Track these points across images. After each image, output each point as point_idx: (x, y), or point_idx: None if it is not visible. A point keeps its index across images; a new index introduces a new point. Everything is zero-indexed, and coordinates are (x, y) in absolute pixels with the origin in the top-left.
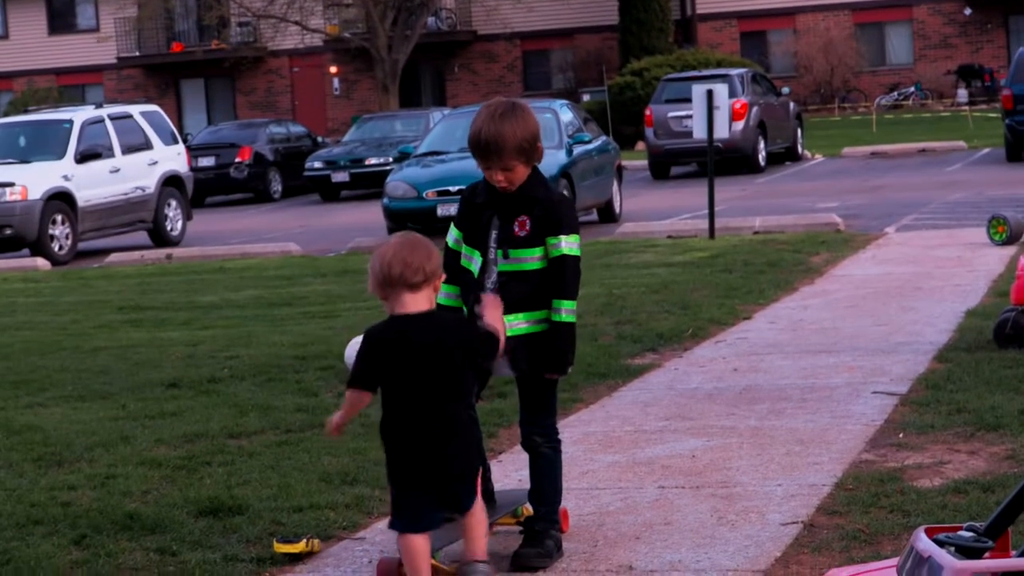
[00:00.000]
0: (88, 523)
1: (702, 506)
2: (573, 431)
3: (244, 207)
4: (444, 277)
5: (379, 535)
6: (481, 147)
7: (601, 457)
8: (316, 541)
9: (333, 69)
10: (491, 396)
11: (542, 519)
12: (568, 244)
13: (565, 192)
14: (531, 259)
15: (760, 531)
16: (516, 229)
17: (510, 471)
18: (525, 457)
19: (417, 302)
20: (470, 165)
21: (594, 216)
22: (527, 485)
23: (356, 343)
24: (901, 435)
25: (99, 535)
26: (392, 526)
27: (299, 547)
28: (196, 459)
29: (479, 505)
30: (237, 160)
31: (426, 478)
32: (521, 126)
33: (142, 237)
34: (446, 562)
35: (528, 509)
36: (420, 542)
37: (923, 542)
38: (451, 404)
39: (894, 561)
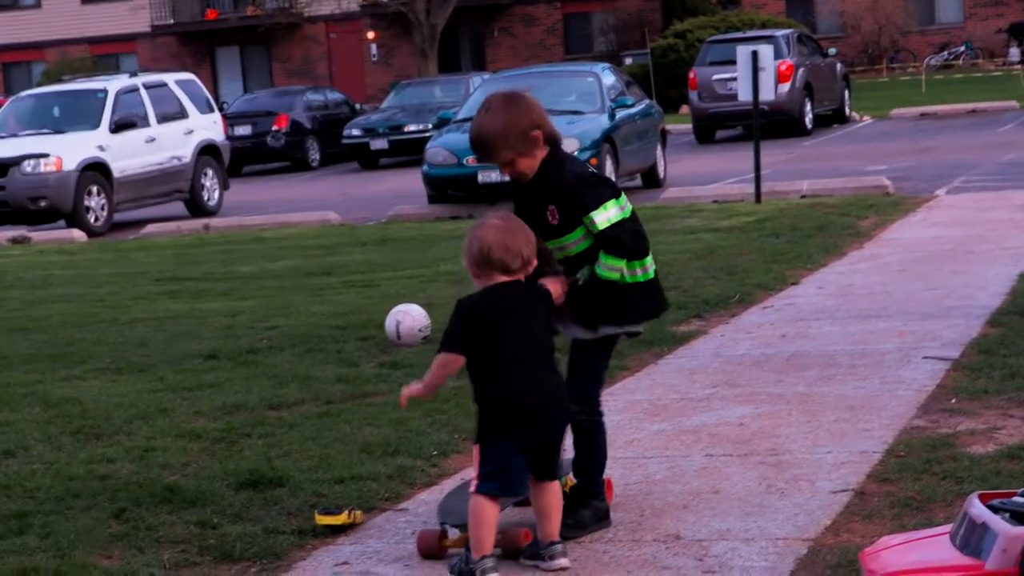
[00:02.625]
0: (127, 496)
1: (750, 474)
2: (618, 399)
3: (281, 176)
4: (536, 263)
5: (422, 506)
6: (472, 146)
7: (647, 425)
8: (358, 513)
9: (371, 35)
10: None
11: (582, 490)
12: (602, 218)
13: (608, 157)
14: (572, 243)
15: (810, 499)
16: (549, 219)
17: None
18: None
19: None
20: None
21: (638, 181)
22: (571, 454)
23: (396, 312)
24: (953, 400)
25: (138, 508)
26: (479, 489)
27: (341, 519)
28: (235, 431)
29: (557, 483)
30: (274, 128)
31: (526, 437)
32: (504, 120)
33: (178, 208)
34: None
35: (572, 479)
36: (492, 511)
37: (977, 508)
38: (551, 362)
39: (947, 528)
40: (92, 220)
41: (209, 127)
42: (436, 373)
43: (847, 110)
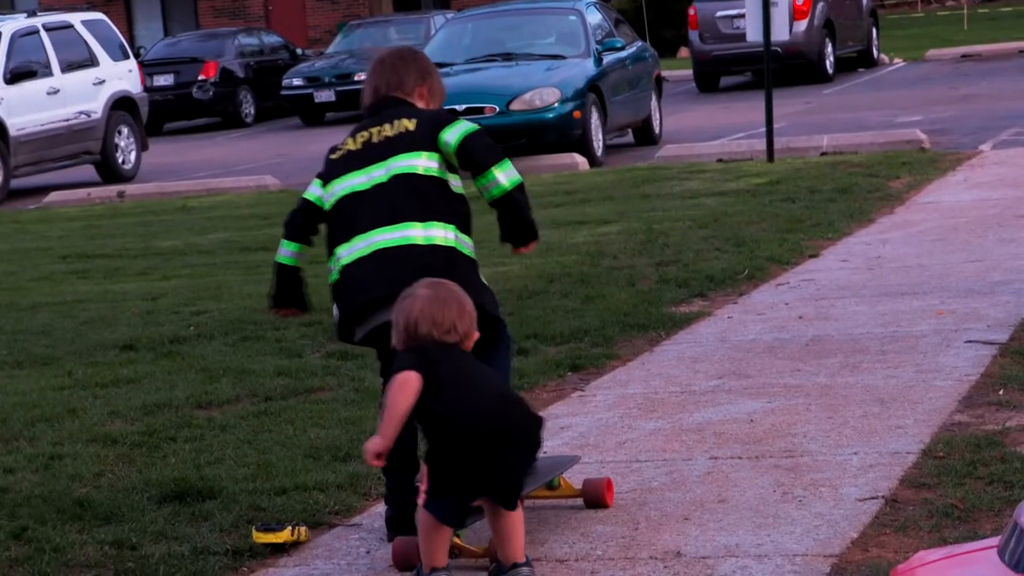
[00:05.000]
0: (30, 512)
1: (763, 480)
2: (608, 393)
3: (210, 134)
4: (477, 336)
5: (378, 521)
6: None
7: (642, 424)
8: (303, 529)
9: None
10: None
11: None
12: None
13: (593, 109)
14: None
15: (833, 508)
16: None
17: None
18: (552, 425)
19: None
20: (479, 79)
21: (629, 137)
22: (560, 452)
23: None
24: (1001, 392)
25: (43, 526)
26: (425, 506)
27: (283, 536)
28: (158, 434)
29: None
30: (200, 78)
31: (480, 483)
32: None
33: (88, 172)
34: (471, 542)
35: (566, 480)
36: (440, 529)
37: None
38: (515, 402)
39: (994, 541)
40: None
41: (123, 76)
42: (392, 403)
43: (875, 52)
